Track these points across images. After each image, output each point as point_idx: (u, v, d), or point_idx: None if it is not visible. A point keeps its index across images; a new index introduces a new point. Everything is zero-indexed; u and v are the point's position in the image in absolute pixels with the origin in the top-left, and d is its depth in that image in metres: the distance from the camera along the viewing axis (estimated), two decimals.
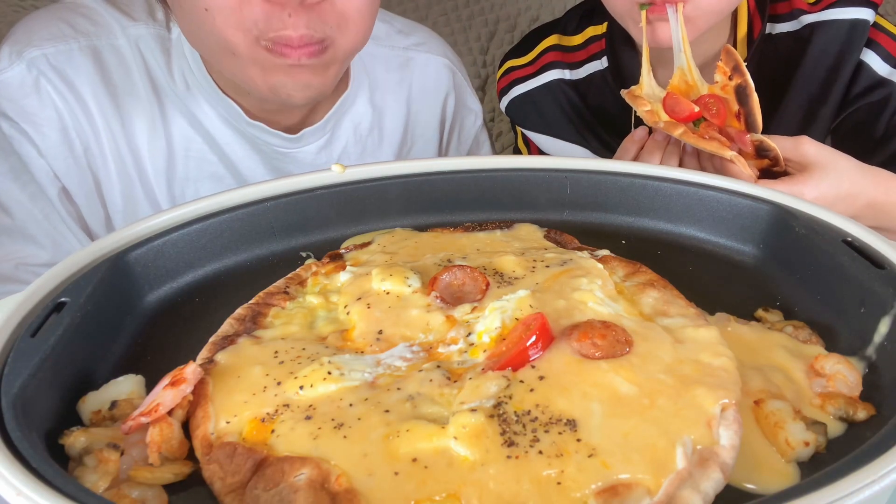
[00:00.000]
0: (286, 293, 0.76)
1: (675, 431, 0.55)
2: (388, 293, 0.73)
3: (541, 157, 1.05)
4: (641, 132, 1.12)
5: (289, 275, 0.80)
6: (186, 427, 0.60)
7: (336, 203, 0.91)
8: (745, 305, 0.75)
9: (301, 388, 0.61)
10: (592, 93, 1.43)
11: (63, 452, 0.57)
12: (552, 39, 1.47)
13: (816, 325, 0.72)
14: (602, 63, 1.41)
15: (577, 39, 1.45)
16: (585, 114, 1.44)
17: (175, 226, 0.82)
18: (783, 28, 1.31)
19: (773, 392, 0.62)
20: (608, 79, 1.40)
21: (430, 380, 0.61)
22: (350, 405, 0.59)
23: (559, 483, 0.52)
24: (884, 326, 0.67)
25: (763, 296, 0.78)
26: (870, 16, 1.25)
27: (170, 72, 1.16)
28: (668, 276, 0.77)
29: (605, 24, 1.41)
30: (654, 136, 1.10)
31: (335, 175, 0.92)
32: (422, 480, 0.53)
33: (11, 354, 0.61)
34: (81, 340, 0.66)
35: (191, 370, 0.62)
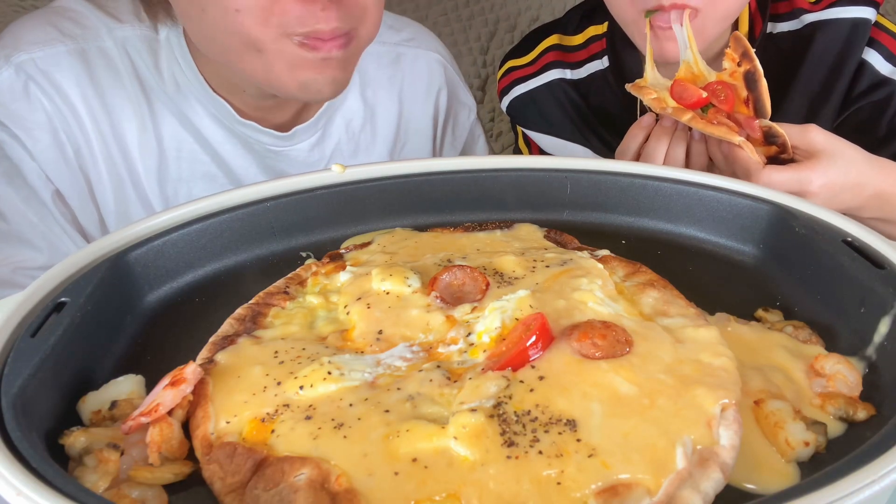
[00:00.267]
0: (286, 293, 0.76)
1: (675, 431, 0.55)
2: (388, 293, 0.73)
3: (541, 157, 1.05)
4: (649, 118, 1.11)
5: (289, 275, 0.80)
6: (186, 427, 0.60)
7: (336, 203, 0.90)
8: (745, 305, 0.75)
9: (301, 388, 0.61)
10: (593, 92, 1.43)
11: (63, 452, 0.57)
12: (553, 39, 1.46)
13: (816, 325, 0.72)
14: (603, 63, 1.41)
15: (578, 39, 1.44)
16: (587, 113, 1.44)
17: (175, 226, 0.82)
18: (784, 27, 1.31)
19: (773, 392, 0.62)
20: (609, 78, 1.40)
21: (430, 380, 0.61)
22: (350, 405, 0.59)
23: (559, 483, 0.52)
24: (884, 326, 0.67)
25: (763, 296, 0.78)
26: (871, 15, 1.25)
27: (158, 72, 1.16)
28: (668, 276, 0.77)
29: (606, 24, 1.40)
30: (662, 122, 1.09)
31: (335, 175, 0.92)
32: (422, 480, 0.53)
33: (11, 354, 0.61)
34: (81, 340, 0.66)
35: (191, 370, 0.62)
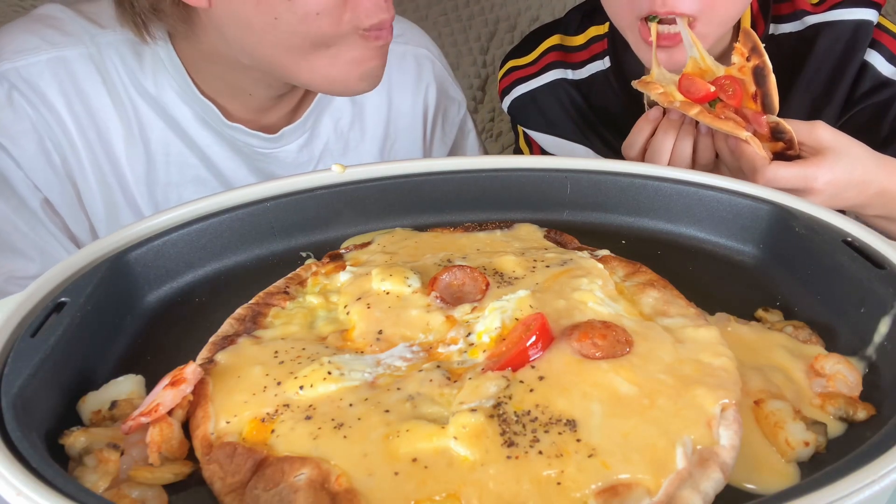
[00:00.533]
0: (286, 293, 0.76)
1: (675, 431, 0.55)
2: (388, 293, 0.73)
3: (541, 157, 1.05)
4: (656, 112, 1.10)
5: (289, 275, 0.80)
6: (186, 427, 0.60)
7: (336, 203, 0.90)
8: (745, 305, 0.75)
9: (301, 388, 0.61)
10: (595, 93, 1.42)
11: (63, 452, 0.57)
12: (554, 39, 1.46)
13: (816, 325, 0.72)
14: (604, 63, 1.41)
15: (579, 39, 1.44)
16: (588, 114, 1.44)
17: (175, 226, 0.82)
18: (786, 29, 1.31)
19: (773, 392, 0.62)
20: (611, 79, 1.40)
21: (430, 380, 0.61)
22: (350, 405, 0.59)
23: (559, 483, 0.52)
24: (884, 326, 0.67)
25: (763, 296, 0.78)
26: (873, 16, 1.25)
27: (144, 77, 1.15)
28: (668, 276, 0.77)
29: (607, 25, 1.40)
30: (669, 115, 1.09)
31: (335, 175, 0.92)
32: (422, 480, 0.53)
33: (11, 354, 0.61)
34: (81, 340, 0.66)
35: (191, 370, 0.62)
